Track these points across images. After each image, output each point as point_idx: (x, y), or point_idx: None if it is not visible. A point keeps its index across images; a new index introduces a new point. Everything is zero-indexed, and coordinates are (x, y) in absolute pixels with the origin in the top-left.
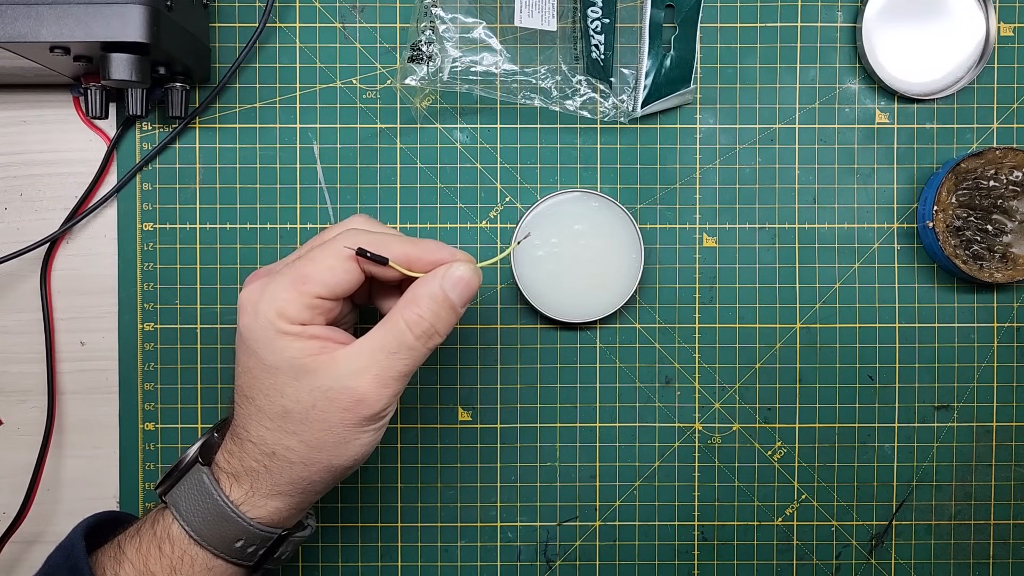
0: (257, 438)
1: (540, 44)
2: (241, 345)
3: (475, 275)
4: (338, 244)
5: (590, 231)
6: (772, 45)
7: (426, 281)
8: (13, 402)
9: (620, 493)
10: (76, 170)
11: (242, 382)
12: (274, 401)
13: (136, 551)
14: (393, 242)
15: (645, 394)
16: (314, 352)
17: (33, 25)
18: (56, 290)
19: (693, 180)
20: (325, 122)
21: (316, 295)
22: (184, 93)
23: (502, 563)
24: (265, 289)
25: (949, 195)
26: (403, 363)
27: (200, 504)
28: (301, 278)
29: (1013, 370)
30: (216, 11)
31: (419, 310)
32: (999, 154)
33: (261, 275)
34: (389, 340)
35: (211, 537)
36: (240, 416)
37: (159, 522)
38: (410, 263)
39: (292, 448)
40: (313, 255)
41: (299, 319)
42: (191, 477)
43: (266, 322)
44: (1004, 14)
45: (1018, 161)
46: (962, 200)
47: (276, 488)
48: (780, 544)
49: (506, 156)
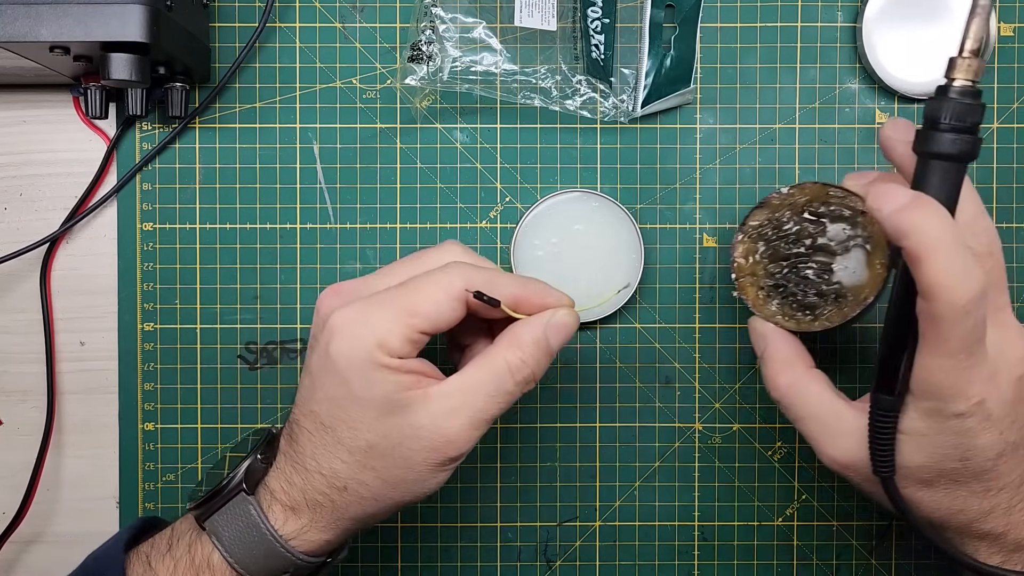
0: (329, 471)
1: (540, 44)
2: (328, 371)
3: (576, 322)
4: (448, 279)
5: (590, 231)
6: (772, 45)
7: (530, 324)
8: (13, 402)
9: (620, 493)
10: (76, 170)
11: (321, 410)
12: (358, 435)
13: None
14: (502, 281)
15: (645, 394)
16: (409, 387)
17: (33, 25)
18: (56, 290)
19: (693, 180)
20: (325, 122)
21: (420, 330)
22: (184, 93)
23: (502, 563)
24: (367, 315)
25: (748, 257)
26: (498, 407)
27: (246, 536)
28: (408, 311)
29: None
30: (216, 11)
31: (522, 355)
32: (785, 195)
33: (345, 293)
34: (488, 382)
35: (256, 570)
36: (310, 445)
37: (197, 548)
38: (517, 304)
39: (367, 484)
40: (420, 287)
41: (399, 352)
42: (236, 506)
43: (365, 352)
44: (1004, 14)
45: (809, 194)
46: (769, 255)
47: (337, 524)
48: (780, 544)
49: (506, 156)
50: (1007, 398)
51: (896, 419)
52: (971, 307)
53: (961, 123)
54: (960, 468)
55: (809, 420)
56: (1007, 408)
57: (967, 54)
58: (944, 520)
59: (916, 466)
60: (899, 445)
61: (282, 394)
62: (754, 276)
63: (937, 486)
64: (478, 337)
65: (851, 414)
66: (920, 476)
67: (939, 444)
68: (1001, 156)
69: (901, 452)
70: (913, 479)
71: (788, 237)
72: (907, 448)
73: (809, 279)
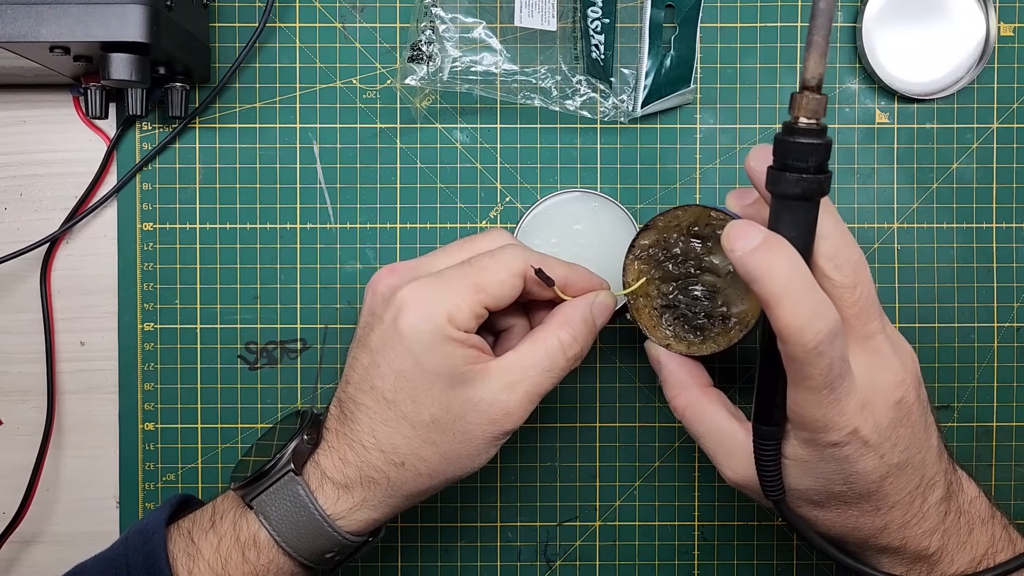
0: (389, 446)
1: (540, 44)
2: (394, 345)
3: (615, 303)
4: (511, 258)
5: (590, 231)
6: (772, 45)
7: (578, 305)
8: (13, 402)
9: (620, 493)
10: (76, 170)
11: (385, 384)
12: (423, 408)
13: (214, 551)
14: (554, 264)
15: (645, 394)
16: (472, 361)
17: (33, 25)
18: (56, 290)
19: (693, 180)
20: (325, 122)
21: (485, 305)
22: (184, 93)
23: (502, 563)
24: (437, 290)
25: (639, 278)
26: (551, 381)
27: (294, 516)
28: (476, 287)
29: (1013, 370)
30: (216, 11)
31: (574, 332)
32: (670, 216)
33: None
34: (543, 358)
35: (303, 549)
36: (369, 421)
37: (242, 526)
38: (565, 287)
39: (425, 459)
40: (486, 265)
41: (466, 326)
42: (284, 486)
43: (436, 325)
44: (1004, 14)
45: (692, 216)
46: (660, 276)
47: (388, 501)
48: (780, 544)
49: (506, 156)
50: (883, 423)
51: (778, 446)
52: (822, 348)
53: (804, 164)
54: (846, 491)
55: (706, 439)
56: (885, 433)
57: (806, 92)
58: (841, 537)
59: (804, 488)
60: (786, 469)
61: (282, 394)
62: (647, 297)
63: (829, 506)
64: (517, 320)
65: (743, 435)
66: (810, 497)
67: (822, 469)
68: (1001, 156)
69: (789, 475)
70: (804, 500)
71: (676, 258)
72: (793, 472)
73: (698, 299)
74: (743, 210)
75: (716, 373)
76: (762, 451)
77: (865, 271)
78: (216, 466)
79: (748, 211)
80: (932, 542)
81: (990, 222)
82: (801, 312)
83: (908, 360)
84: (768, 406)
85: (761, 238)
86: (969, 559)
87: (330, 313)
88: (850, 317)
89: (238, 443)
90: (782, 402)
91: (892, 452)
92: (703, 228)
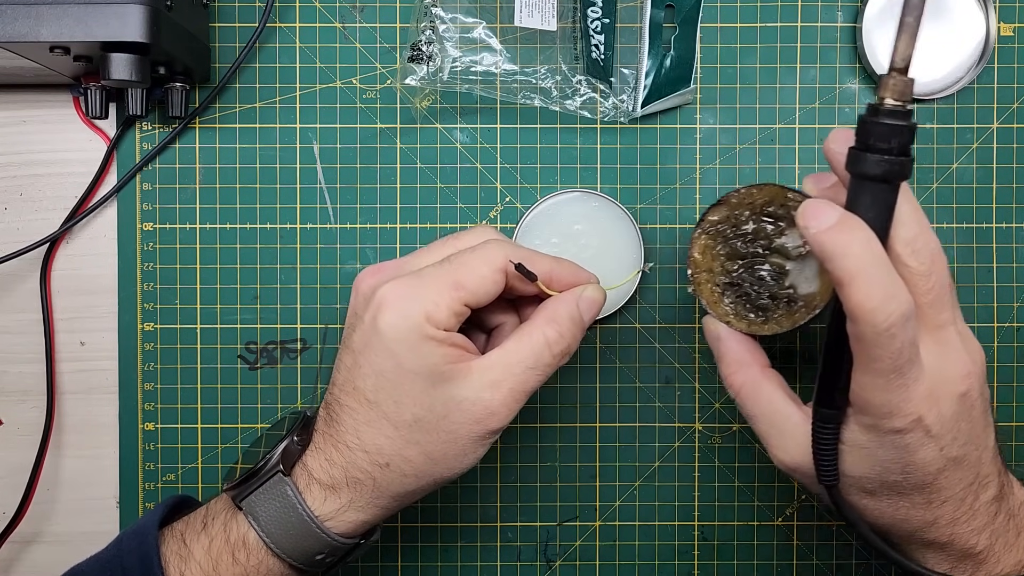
0: (373, 447)
1: (540, 44)
2: (375, 345)
3: (604, 297)
4: (491, 253)
5: (590, 231)
6: (772, 45)
7: (564, 300)
8: (13, 402)
9: (620, 493)
10: (76, 170)
11: (366, 385)
12: (404, 408)
13: (205, 552)
14: (538, 259)
15: (645, 394)
16: (454, 360)
17: (33, 25)
18: (56, 290)
19: (693, 180)
20: (325, 122)
21: (465, 302)
22: (184, 93)
23: (502, 563)
24: (415, 288)
25: (705, 253)
26: (537, 379)
27: (282, 517)
28: (454, 284)
29: (1013, 370)
30: (216, 11)
31: (560, 328)
32: (744, 194)
33: (385, 271)
34: (527, 355)
35: (292, 550)
36: (352, 422)
37: (232, 527)
38: (551, 281)
39: (410, 460)
40: (465, 261)
41: (445, 324)
42: (273, 487)
43: (414, 324)
44: (1004, 14)
45: (768, 195)
46: (726, 253)
47: (376, 502)
48: (780, 544)
49: (506, 156)
50: (947, 415)
51: (837, 431)
52: (895, 330)
53: (887, 145)
54: (901, 481)
55: (760, 420)
56: (947, 425)
57: (894, 73)
58: (888, 528)
59: (859, 476)
60: (842, 455)
61: (282, 394)
62: (710, 273)
63: (880, 496)
64: (506, 317)
65: (800, 417)
66: (863, 486)
67: (880, 457)
68: (1001, 156)
69: (844, 462)
70: (856, 488)
71: (746, 236)
72: (850, 459)
73: (764, 280)
74: (821, 194)
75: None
76: (821, 435)
77: (942, 260)
78: (216, 466)
79: (825, 195)
80: (980, 540)
81: (990, 222)
82: (875, 293)
83: (976, 355)
84: (831, 389)
85: (838, 216)
86: (1015, 561)
87: (330, 313)
88: (923, 305)
89: (238, 443)
90: (846, 385)
91: (952, 445)
92: (777, 208)
